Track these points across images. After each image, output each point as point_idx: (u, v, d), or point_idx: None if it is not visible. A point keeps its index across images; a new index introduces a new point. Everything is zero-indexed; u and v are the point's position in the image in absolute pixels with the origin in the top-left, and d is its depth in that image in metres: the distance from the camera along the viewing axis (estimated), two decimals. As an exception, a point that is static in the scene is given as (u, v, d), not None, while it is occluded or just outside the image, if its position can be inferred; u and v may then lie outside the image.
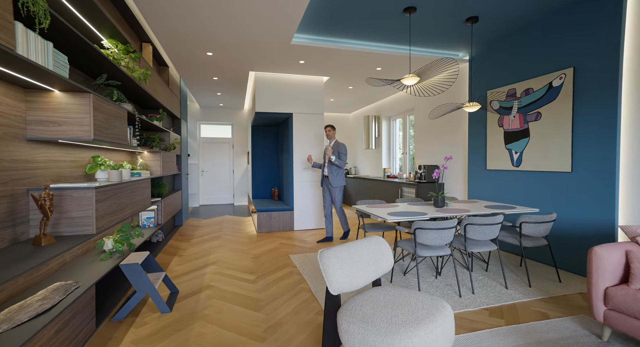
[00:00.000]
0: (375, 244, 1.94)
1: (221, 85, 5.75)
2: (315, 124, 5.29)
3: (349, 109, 8.46)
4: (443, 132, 5.19)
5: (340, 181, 4.43)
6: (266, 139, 6.50)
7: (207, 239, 4.57)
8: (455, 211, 2.95)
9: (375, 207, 3.25)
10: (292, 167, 5.19)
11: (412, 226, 2.54)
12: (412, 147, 6.57)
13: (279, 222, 5.14)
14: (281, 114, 5.12)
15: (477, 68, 4.26)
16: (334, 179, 4.39)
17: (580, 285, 2.76)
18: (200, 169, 8.28)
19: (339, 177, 4.42)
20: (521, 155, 3.61)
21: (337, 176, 4.41)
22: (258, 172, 6.47)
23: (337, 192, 4.44)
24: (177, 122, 5.42)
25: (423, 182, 5.14)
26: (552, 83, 3.24)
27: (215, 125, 8.47)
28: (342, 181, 4.44)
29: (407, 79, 3.13)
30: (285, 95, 5.13)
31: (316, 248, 4.08)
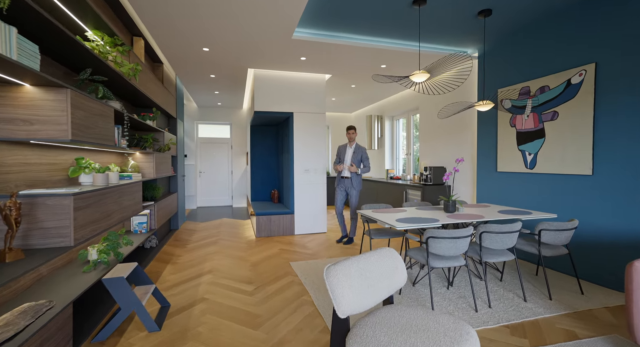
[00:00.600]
0: (386, 257, 1.74)
1: (219, 83, 5.54)
2: (317, 124, 5.08)
3: (350, 109, 8.26)
4: (449, 132, 4.98)
5: (361, 184, 4.48)
6: (266, 139, 6.29)
7: (204, 245, 4.35)
8: (468, 216, 2.75)
9: (381, 213, 3.04)
10: (293, 168, 4.98)
11: (424, 234, 2.33)
12: (416, 148, 6.36)
13: (278, 226, 4.93)
14: (281, 114, 4.92)
15: (487, 65, 4.06)
16: (357, 182, 4.41)
17: (605, 298, 2.55)
18: (198, 170, 8.06)
19: (360, 180, 4.46)
20: (535, 157, 3.41)
21: (359, 179, 4.44)
22: (257, 174, 6.26)
23: (355, 194, 4.43)
24: (173, 121, 5.21)
25: (429, 184, 4.93)
26: (570, 80, 3.04)
27: (213, 125, 8.26)
28: (361, 183, 4.49)
29: (416, 75, 2.92)
30: (285, 94, 4.92)
31: (318, 255, 3.87)
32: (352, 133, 4.45)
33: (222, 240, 4.63)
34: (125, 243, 2.61)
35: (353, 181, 4.39)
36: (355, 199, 4.43)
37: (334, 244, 4.37)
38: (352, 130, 4.45)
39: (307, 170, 5.05)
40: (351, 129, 4.46)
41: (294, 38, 3.58)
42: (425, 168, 5.02)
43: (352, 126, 4.49)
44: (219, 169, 8.25)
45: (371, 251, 1.70)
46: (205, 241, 4.55)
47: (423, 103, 5.65)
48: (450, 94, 4.91)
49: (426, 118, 5.57)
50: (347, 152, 4.46)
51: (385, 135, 7.20)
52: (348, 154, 4.43)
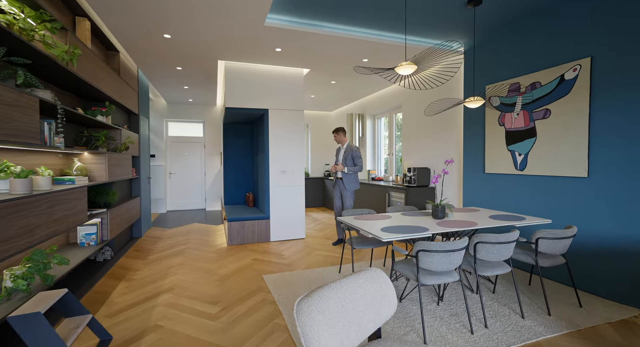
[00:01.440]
0: (373, 281, 1.41)
1: (187, 77, 5.06)
2: (295, 122, 4.73)
3: (330, 107, 7.95)
4: (434, 131, 4.76)
5: (354, 185, 4.33)
6: (239, 139, 5.86)
7: (168, 255, 3.90)
8: (459, 224, 2.48)
9: (364, 220, 2.73)
10: (268, 169, 4.60)
11: (415, 247, 2.04)
12: (398, 147, 6.13)
13: (253, 233, 4.54)
14: (255, 110, 4.52)
15: (474, 60, 3.84)
16: (348, 182, 4.30)
17: (606, 311, 2.35)
18: (168, 172, 7.50)
19: (353, 181, 4.33)
20: (526, 158, 3.21)
21: (352, 179, 4.31)
22: (231, 175, 5.82)
23: (348, 195, 4.33)
24: (135, 118, 4.69)
25: (413, 186, 4.69)
26: (564, 76, 2.84)
27: (184, 123, 7.72)
28: (355, 184, 4.35)
29: (402, 67, 2.62)
30: (260, 89, 4.53)
31: (295, 264, 3.52)
32: (336, 136, 4.45)
33: (190, 249, 4.18)
34: (58, 262, 2.16)
35: (345, 181, 4.30)
36: (348, 200, 4.32)
37: (312, 252, 4.03)
38: (335, 133, 4.46)
39: (284, 171, 4.68)
40: (334, 132, 4.46)
41: (267, 25, 3.21)
42: (409, 169, 4.78)
43: (336, 129, 4.45)
44: (191, 170, 7.72)
45: (354, 275, 1.38)
46: (170, 251, 4.09)
47: (406, 101, 5.41)
48: (435, 90, 4.69)
49: (409, 116, 5.34)
50: (340, 153, 4.47)
51: (366, 135, 6.94)
52: (340, 155, 4.44)
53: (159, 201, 7.17)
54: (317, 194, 8.10)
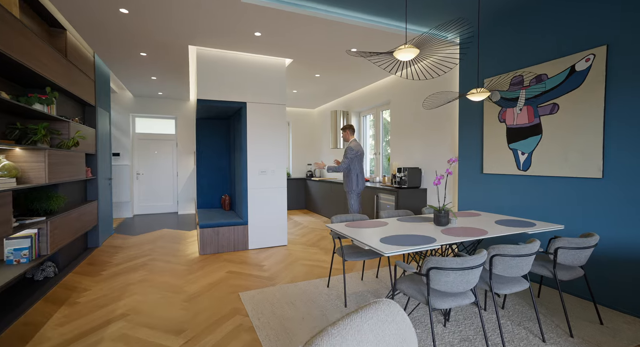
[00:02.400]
0: (387, 320, 1.01)
1: (154, 65, 4.50)
2: (276, 117, 4.29)
3: (313, 104, 7.55)
4: (426, 129, 4.47)
5: (352, 186, 4.16)
6: (214, 136, 5.34)
7: (127, 269, 3.35)
8: (467, 232, 2.15)
9: (357, 228, 2.35)
10: (246, 170, 4.14)
11: (425, 263, 1.67)
12: (386, 146, 5.82)
13: (228, 240, 4.05)
14: (231, 104, 4.04)
15: (471, 51, 3.56)
16: (345, 183, 4.25)
17: (631, 330, 2.09)
18: (135, 172, 6.83)
19: (348, 182, 4.20)
20: (530, 157, 2.94)
21: (347, 180, 4.20)
22: (204, 176, 5.29)
23: (349, 198, 4.22)
24: (91, 111, 4.08)
25: (404, 187, 4.37)
26: (575, 67, 2.59)
27: (154, 118, 7.06)
28: (354, 185, 4.15)
29: (402, 51, 2.25)
30: (237, 80, 4.06)
31: (277, 277, 3.08)
32: (343, 134, 4.37)
33: (155, 260, 3.65)
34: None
35: (344, 183, 4.30)
36: (350, 204, 4.22)
37: (296, 261, 3.61)
38: (342, 131, 4.38)
39: (264, 172, 4.23)
40: (342, 130, 4.39)
41: (244, 1, 2.76)
42: (399, 169, 4.45)
43: (344, 127, 4.35)
44: (162, 170, 7.08)
45: (362, 313, 0.97)
46: (130, 264, 3.53)
47: (395, 97, 5.10)
48: (427, 85, 4.40)
49: (398, 114, 5.03)
50: None
51: (351, 133, 6.58)
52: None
53: (124, 205, 6.49)
54: (299, 195, 7.67)
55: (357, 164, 4.15)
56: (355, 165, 4.14)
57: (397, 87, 5.04)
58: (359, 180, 4.13)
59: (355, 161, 4.13)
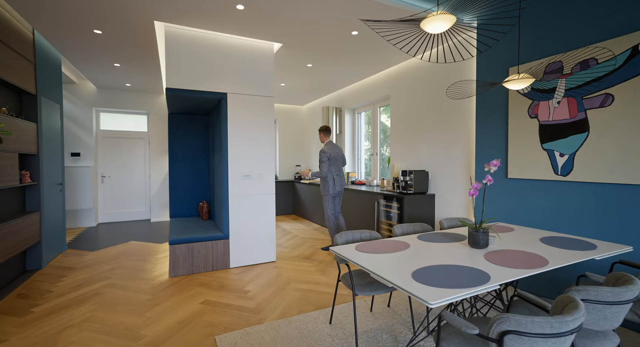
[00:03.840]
0: None
1: (115, 47, 3.76)
2: (262, 111, 3.65)
3: (302, 100, 6.93)
4: (433, 126, 3.94)
5: (328, 189, 4.05)
6: (191, 134, 4.63)
7: (71, 302, 2.64)
8: (519, 259, 1.60)
9: (372, 253, 1.76)
10: (227, 174, 3.48)
11: (494, 324, 1.10)
12: (384, 146, 5.28)
13: (205, 258, 3.39)
14: (208, 94, 3.38)
15: (490, 35, 3.05)
16: (321, 186, 4.16)
17: None
18: (100, 174, 6.00)
19: (324, 185, 4.10)
20: (572, 159, 2.45)
21: (324, 183, 4.10)
22: (179, 180, 4.58)
23: (324, 201, 4.12)
24: (31, 101, 3.32)
25: (410, 193, 3.83)
26: (638, 47, 2.10)
27: (122, 114, 6.25)
28: (330, 189, 4.05)
29: (433, 20, 1.68)
30: (216, 66, 3.40)
31: (265, 309, 2.46)
32: (319, 136, 4.35)
33: (112, 287, 2.94)
34: None
35: (320, 185, 4.17)
36: (325, 207, 4.11)
37: (288, 284, 3.00)
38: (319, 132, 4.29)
39: (248, 175, 3.59)
40: (319, 131, 4.29)
41: (221, -45, 2.12)
42: (405, 172, 3.91)
43: (320, 128, 4.25)
44: (132, 173, 6.27)
45: None
46: (78, 293, 2.81)
47: (396, 91, 4.56)
48: (434, 75, 3.87)
49: (400, 109, 4.49)
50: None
51: (345, 132, 6.01)
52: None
53: (86, 212, 5.65)
54: (287, 200, 7.03)
55: (333, 167, 4.09)
56: (331, 168, 4.06)
57: (398, 80, 4.49)
58: (335, 183, 4.07)
59: (330, 164, 4.06)
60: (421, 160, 4.16)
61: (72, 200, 5.54)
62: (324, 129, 4.24)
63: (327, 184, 4.05)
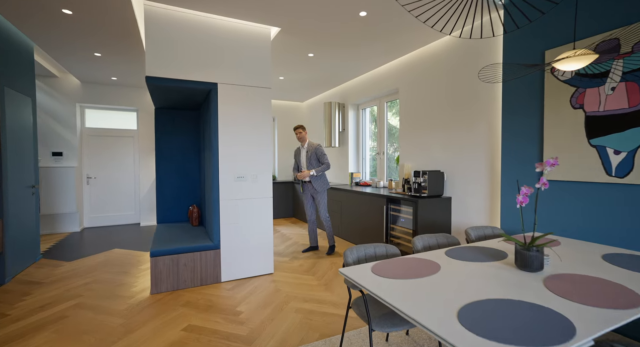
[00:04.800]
0: None
1: (91, 32, 3.34)
2: (258, 105, 3.23)
3: (303, 96, 6.51)
4: (448, 121, 3.52)
5: (325, 184, 3.96)
6: (179, 130, 4.21)
7: (28, 328, 2.21)
8: (596, 290, 1.18)
9: (395, 279, 1.33)
10: (217, 175, 3.06)
11: None
12: (389, 144, 4.86)
13: (193, 272, 2.96)
14: (196, 85, 2.95)
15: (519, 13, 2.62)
16: (319, 183, 3.91)
17: None
18: (85, 175, 5.58)
19: (323, 180, 3.95)
20: (632, 158, 2.02)
21: (321, 179, 3.94)
22: (167, 181, 4.15)
23: (321, 197, 3.94)
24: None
25: (424, 196, 3.41)
26: None
27: (109, 110, 5.83)
28: (326, 183, 3.97)
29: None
30: (205, 53, 2.98)
31: (260, 335, 2.03)
32: (299, 132, 3.96)
33: (80, 307, 2.52)
34: None
35: (314, 183, 3.89)
36: (322, 204, 3.94)
37: (286, 302, 2.58)
38: (298, 129, 3.97)
39: (242, 177, 3.17)
40: (297, 128, 3.98)
41: None
42: (418, 173, 3.48)
43: (299, 125, 3.99)
44: (120, 173, 5.85)
45: None
46: (38, 318, 2.39)
47: (406, 84, 4.13)
48: (449, 65, 3.45)
49: (410, 104, 4.07)
50: (301, 154, 4.04)
51: (348, 129, 5.59)
52: (302, 156, 4.02)
53: (69, 216, 5.23)
54: (286, 201, 6.61)
55: None
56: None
57: (408, 71, 4.07)
58: (326, 176, 4.04)
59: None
60: (434, 160, 3.73)
61: (52, 203, 5.11)
62: (302, 126, 4.01)
63: (325, 178, 3.98)
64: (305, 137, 4.01)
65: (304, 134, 3.98)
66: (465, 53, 3.31)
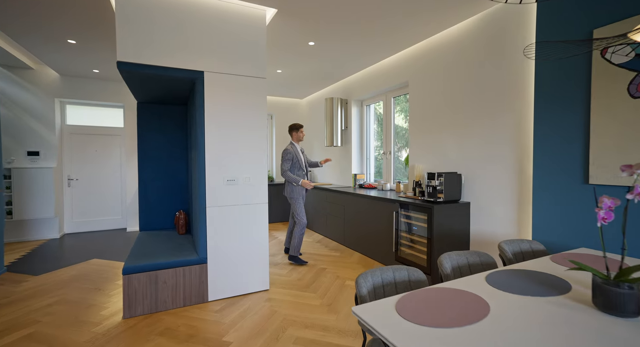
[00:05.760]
0: None
1: (59, 12, 2.92)
2: (252, 97, 2.81)
3: (302, 92, 6.10)
4: (465, 118, 3.12)
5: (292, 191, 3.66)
6: (165, 128, 3.78)
7: (-33, 368, 1.79)
8: None
9: (428, 326, 0.93)
10: (204, 178, 2.64)
11: None
12: (404, 144, 4.46)
13: (174, 290, 2.54)
14: (178, 73, 2.54)
15: (564, -11, 2.22)
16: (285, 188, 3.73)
17: None
18: (66, 177, 5.15)
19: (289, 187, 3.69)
20: None
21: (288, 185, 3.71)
22: (151, 184, 3.73)
23: (298, 205, 3.64)
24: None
25: (440, 201, 3.00)
26: None
27: (93, 107, 5.40)
28: (293, 190, 3.66)
29: None
30: (188, 35, 2.56)
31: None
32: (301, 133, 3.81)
33: (35, 340, 2.09)
34: None
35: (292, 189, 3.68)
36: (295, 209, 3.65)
37: (284, 328, 2.16)
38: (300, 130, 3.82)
39: (233, 180, 2.75)
40: (300, 128, 3.82)
41: None
42: (433, 175, 3.08)
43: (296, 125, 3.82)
44: (106, 175, 5.42)
45: None
46: (-15, 349, 1.97)
47: (416, 76, 3.73)
48: (466, 51, 3.04)
49: (422, 98, 3.66)
50: (300, 154, 3.76)
51: (351, 127, 5.18)
52: (302, 157, 3.77)
53: (46, 222, 4.79)
54: (284, 205, 6.21)
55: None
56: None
57: (419, 62, 3.66)
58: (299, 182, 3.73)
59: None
60: (449, 160, 3.33)
61: (27, 208, 4.68)
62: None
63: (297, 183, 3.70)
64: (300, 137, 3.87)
65: (300, 133, 3.84)
66: (489, 38, 2.90)
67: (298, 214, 3.62)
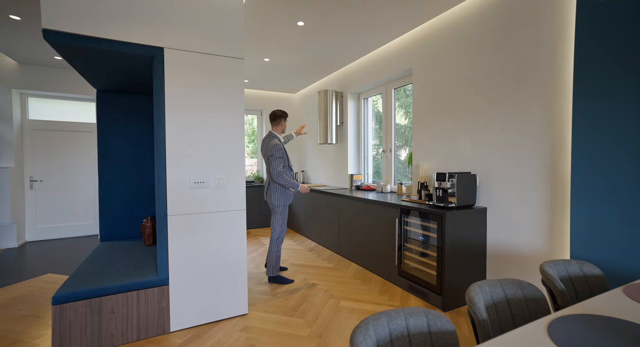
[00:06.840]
0: None
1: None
2: (227, 81, 2.31)
3: (294, 85, 5.59)
4: (481, 108, 2.63)
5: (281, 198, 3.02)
6: (131, 121, 3.25)
7: None
8: None
9: None
10: (165, 179, 2.13)
11: None
12: (407, 140, 3.97)
13: (126, 321, 2.03)
14: (128, 48, 2.02)
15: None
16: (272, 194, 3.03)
17: None
18: (28, 178, 4.60)
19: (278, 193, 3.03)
20: None
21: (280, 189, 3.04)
22: (113, 186, 3.20)
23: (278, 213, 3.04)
24: None
25: (452, 206, 2.52)
26: None
27: (60, 100, 4.85)
28: (284, 197, 3.03)
29: None
30: (141, 1, 2.05)
31: None
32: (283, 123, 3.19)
33: None
34: None
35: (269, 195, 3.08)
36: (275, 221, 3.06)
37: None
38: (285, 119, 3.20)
39: (201, 182, 2.24)
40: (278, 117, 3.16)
41: None
42: (443, 175, 2.58)
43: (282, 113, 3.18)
44: (75, 176, 4.88)
45: None
46: None
47: (422, 62, 3.24)
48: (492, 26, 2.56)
49: (428, 88, 3.17)
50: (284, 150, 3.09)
51: (347, 123, 4.69)
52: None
53: (2, 229, 4.23)
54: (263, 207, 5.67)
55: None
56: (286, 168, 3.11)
57: (427, 45, 3.18)
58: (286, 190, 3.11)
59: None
60: (461, 159, 2.85)
61: (-20, 213, 4.12)
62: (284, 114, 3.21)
63: (284, 190, 3.06)
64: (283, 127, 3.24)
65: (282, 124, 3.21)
66: (512, 13, 2.42)
67: (280, 225, 3.04)
